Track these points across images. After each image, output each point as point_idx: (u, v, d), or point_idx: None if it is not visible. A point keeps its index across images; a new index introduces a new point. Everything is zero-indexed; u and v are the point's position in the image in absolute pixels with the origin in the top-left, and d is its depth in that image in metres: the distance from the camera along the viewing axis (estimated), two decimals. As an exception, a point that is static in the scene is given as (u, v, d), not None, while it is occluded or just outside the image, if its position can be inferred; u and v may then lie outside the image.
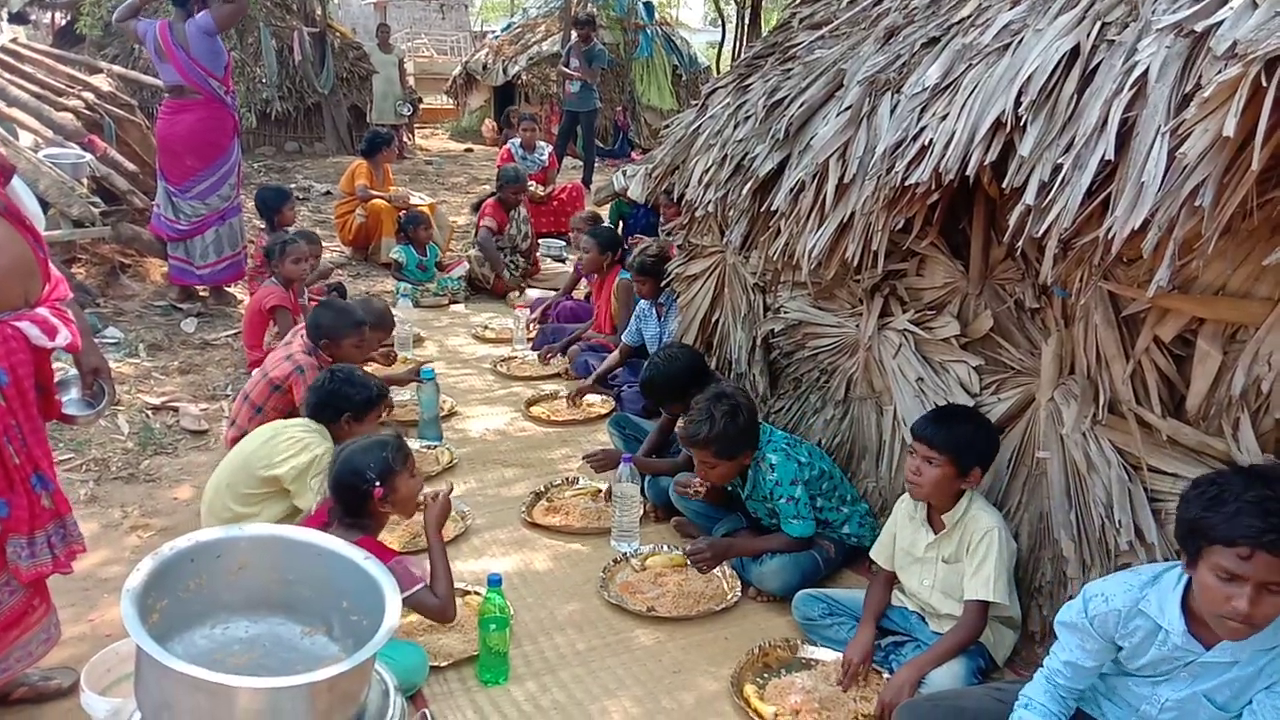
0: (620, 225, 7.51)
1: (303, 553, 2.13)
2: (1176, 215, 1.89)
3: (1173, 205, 1.89)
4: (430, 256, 7.57)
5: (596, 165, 12.42)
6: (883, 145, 2.74)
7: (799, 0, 4.30)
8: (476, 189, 11.11)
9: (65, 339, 2.45)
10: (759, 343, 4.18)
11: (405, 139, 14.08)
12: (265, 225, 6.33)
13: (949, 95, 2.57)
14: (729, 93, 3.94)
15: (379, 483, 2.68)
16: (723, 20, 20.83)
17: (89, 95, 7.38)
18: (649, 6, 16.78)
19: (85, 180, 6.17)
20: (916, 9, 3.15)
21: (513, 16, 18.79)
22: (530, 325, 6.35)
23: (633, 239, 6.09)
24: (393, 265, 7.53)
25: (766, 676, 2.83)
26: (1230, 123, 1.75)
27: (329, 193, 10.60)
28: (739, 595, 3.23)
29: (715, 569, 3.34)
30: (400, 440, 2.87)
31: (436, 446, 4.51)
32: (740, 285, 4.27)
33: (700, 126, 4.03)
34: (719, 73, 7.96)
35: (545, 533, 3.75)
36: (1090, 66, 2.21)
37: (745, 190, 3.48)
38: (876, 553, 3.00)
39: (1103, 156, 2.04)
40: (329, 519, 2.73)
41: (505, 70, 16.10)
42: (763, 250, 3.78)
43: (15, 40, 8.19)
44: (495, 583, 2.81)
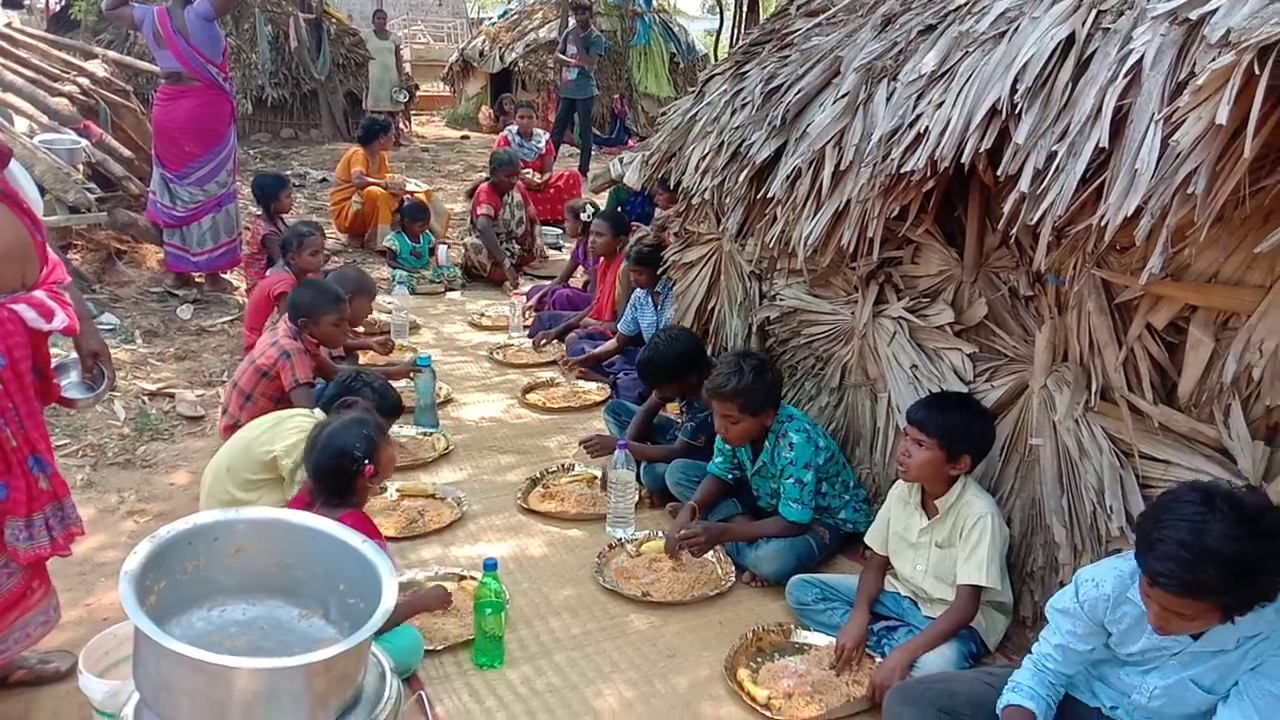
0: (619, 209, 7.51)
1: (300, 536, 2.13)
2: (1169, 203, 1.91)
3: (1166, 193, 1.90)
4: (424, 244, 7.57)
5: (594, 153, 12.41)
6: (878, 132, 2.74)
7: (797, -13, 4.29)
8: (473, 176, 11.08)
9: (62, 322, 2.45)
10: (755, 330, 4.19)
11: (401, 126, 14.04)
12: (262, 212, 6.33)
13: (945, 83, 2.58)
14: (726, 80, 3.94)
15: (368, 460, 2.71)
16: (720, 7, 20.78)
17: (84, 81, 7.36)
18: (647, -7, 16.76)
19: (80, 166, 6.15)
20: (913, -4, 3.15)
21: (510, 3, 18.70)
22: (527, 313, 6.35)
23: (631, 227, 6.09)
24: (388, 253, 7.53)
25: (760, 660, 2.86)
26: (1223, 110, 1.76)
27: (325, 180, 10.58)
28: (733, 580, 3.26)
29: (708, 553, 3.36)
30: (373, 412, 2.91)
31: (433, 433, 4.52)
32: (736, 273, 4.28)
33: (697, 114, 4.03)
34: (717, 60, 7.93)
35: (541, 519, 3.77)
36: (1085, 54, 2.21)
37: (742, 177, 3.49)
38: (871, 537, 3.02)
39: (1097, 144, 2.05)
40: (311, 501, 2.75)
41: (502, 57, 16.07)
42: (759, 237, 3.78)
43: (9, 25, 8.15)
44: (491, 567, 2.82)
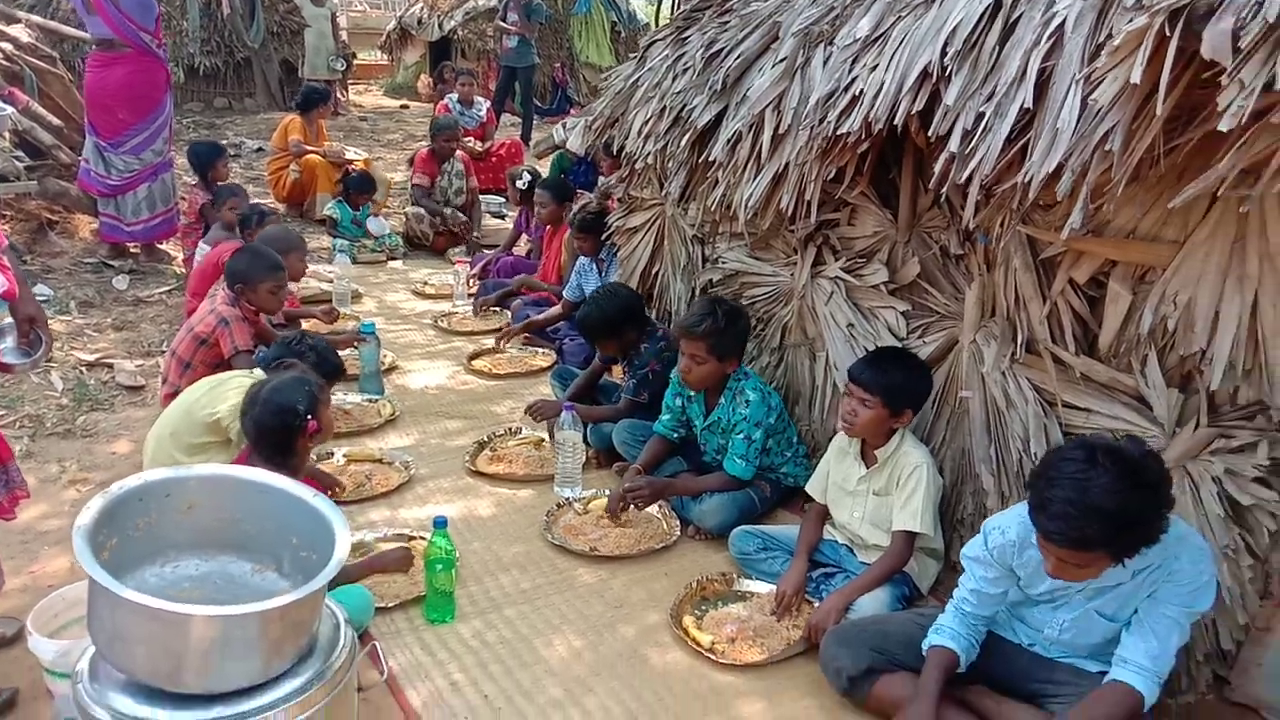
0: (562, 177, 7.51)
1: (251, 491, 2.16)
2: (1089, 160, 2.01)
3: (1085, 150, 2.00)
4: (364, 213, 7.49)
5: (535, 123, 12.33)
6: (815, 96, 2.82)
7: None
8: (413, 146, 10.97)
9: (1, 286, 2.43)
10: (698, 293, 4.26)
11: (339, 95, 13.80)
12: (199, 181, 6.22)
13: (879, 47, 2.65)
14: (667, 45, 3.98)
15: (310, 416, 2.73)
16: (661, -24, 20.66)
17: (7, 46, 7.12)
18: (588, -39, 16.60)
19: (7, 134, 6.00)
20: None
21: (448, -30, 18.40)
22: (471, 281, 6.35)
23: (575, 194, 6.11)
24: (328, 221, 7.44)
25: (704, 608, 2.95)
26: (1137, 71, 1.85)
27: (261, 149, 10.39)
28: (679, 534, 3.35)
29: (653, 508, 3.45)
30: (312, 371, 2.94)
31: (378, 400, 4.53)
32: (679, 237, 4.34)
33: (639, 79, 4.07)
34: (658, 28, 7.97)
35: (489, 480, 3.81)
36: (1012, 18, 2.29)
37: (684, 142, 3.54)
38: (811, 487, 3.13)
39: (1022, 105, 2.14)
40: (248, 462, 2.74)
41: (441, 25, 15.80)
42: (701, 201, 3.86)
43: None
44: (441, 524, 2.86)
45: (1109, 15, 2.05)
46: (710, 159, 3.37)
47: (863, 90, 2.61)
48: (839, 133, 2.70)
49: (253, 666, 1.85)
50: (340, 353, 4.77)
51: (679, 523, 3.40)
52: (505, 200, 8.59)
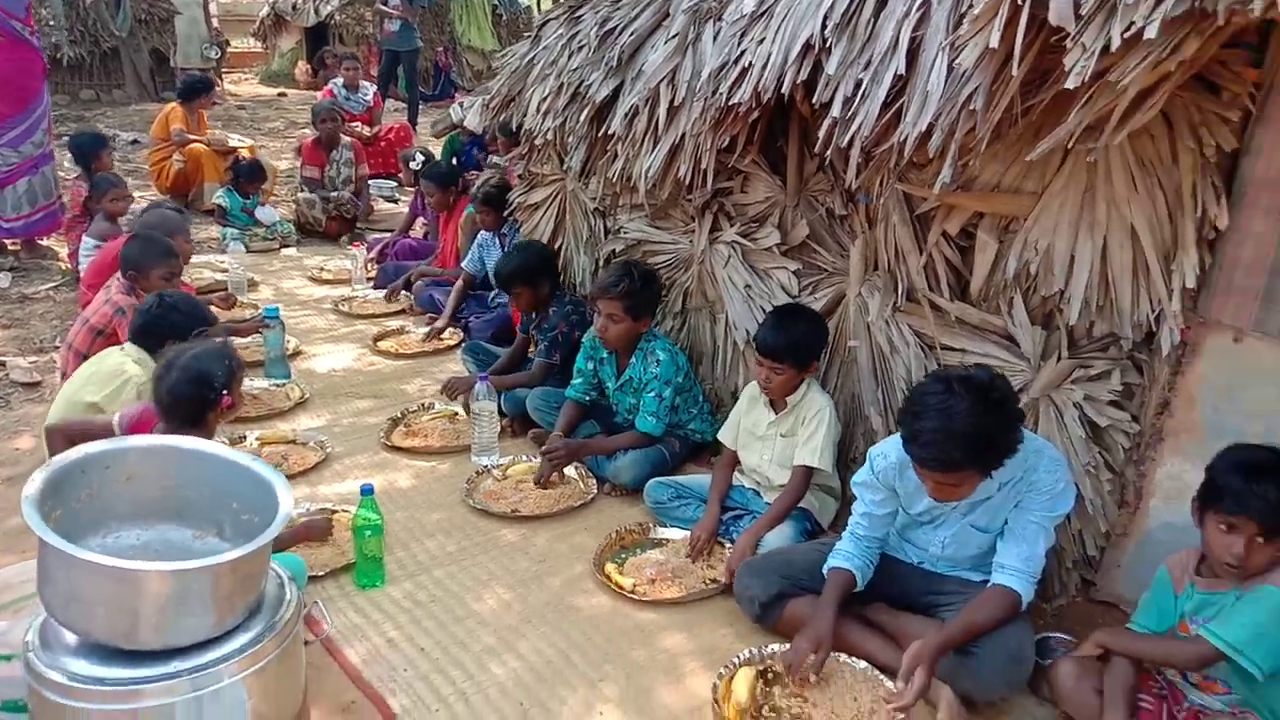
0: (454, 160, 7.54)
1: (190, 459, 2.22)
2: (956, 120, 2.24)
3: (952, 111, 2.23)
4: (254, 202, 7.38)
5: (421, 108, 12.24)
6: (708, 69, 3.00)
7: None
8: (295, 133, 10.80)
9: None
10: (602, 264, 4.41)
11: (215, 84, 13.41)
12: (82, 172, 6.05)
13: (765, 21, 2.85)
14: (562, 24, 4.10)
15: (226, 390, 2.73)
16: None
17: None
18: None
19: None
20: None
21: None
22: (369, 265, 6.36)
23: (462, 177, 6.15)
24: (217, 210, 7.32)
25: (624, 556, 3.13)
26: (994, 36, 2.09)
27: (136, 141, 10.08)
28: (595, 492, 3.52)
29: (570, 469, 3.60)
30: (230, 344, 2.96)
31: (285, 384, 4.54)
32: (581, 210, 4.48)
33: (535, 57, 4.18)
34: (540, 12, 8.05)
35: (406, 454, 3.90)
36: (885, -8, 2.51)
37: (582, 117, 3.68)
38: (723, 434, 3.33)
39: (896, 71, 2.37)
40: (151, 430, 2.73)
41: (317, 10, 15.49)
42: (601, 175, 4.00)
43: None
44: (368, 492, 2.96)
45: (971, -13, 2.28)
46: (609, 133, 3.53)
47: (751, 63, 2.81)
48: (731, 103, 2.90)
49: (206, 621, 1.93)
50: (243, 340, 4.81)
51: (595, 481, 3.56)
52: (397, 184, 8.56)
